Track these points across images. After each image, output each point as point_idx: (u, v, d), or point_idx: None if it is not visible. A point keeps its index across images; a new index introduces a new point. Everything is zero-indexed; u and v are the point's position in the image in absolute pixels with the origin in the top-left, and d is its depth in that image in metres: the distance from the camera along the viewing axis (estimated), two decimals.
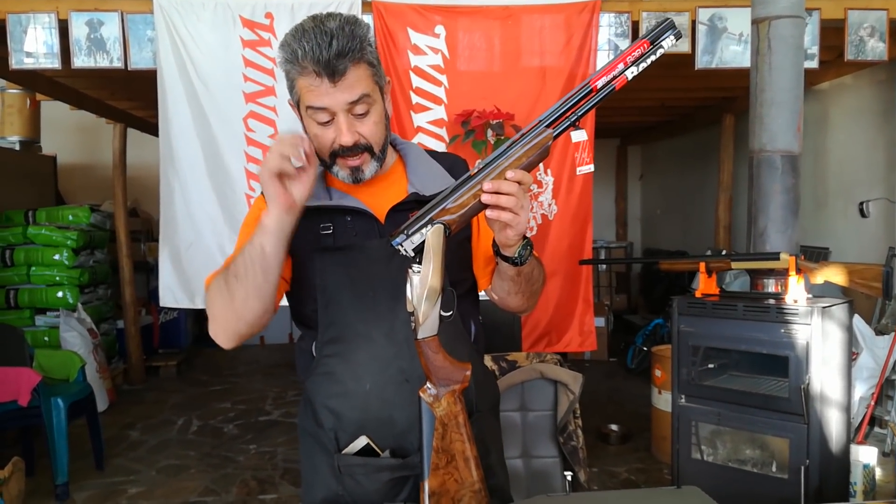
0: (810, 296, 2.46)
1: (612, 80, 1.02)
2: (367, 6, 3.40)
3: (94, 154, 7.12)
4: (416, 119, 3.51)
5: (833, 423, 2.34)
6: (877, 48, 3.56)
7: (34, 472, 3.59)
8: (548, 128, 1.04)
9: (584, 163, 3.33)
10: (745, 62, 3.42)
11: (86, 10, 3.36)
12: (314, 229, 1.21)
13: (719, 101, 5.95)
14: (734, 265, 2.64)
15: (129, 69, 3.41)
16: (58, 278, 4.97)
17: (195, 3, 3.37)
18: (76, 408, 3.50)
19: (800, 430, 2.31)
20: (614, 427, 4.10)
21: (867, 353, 3.23)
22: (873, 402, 3.09)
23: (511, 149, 1.04)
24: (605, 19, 3.48)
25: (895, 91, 4.23)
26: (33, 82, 4.79)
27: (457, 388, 1.05)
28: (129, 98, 5.42)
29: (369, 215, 1.22)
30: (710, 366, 2.60)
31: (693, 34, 3.50)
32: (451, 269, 1.08)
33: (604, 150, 8.34)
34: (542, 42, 3.49)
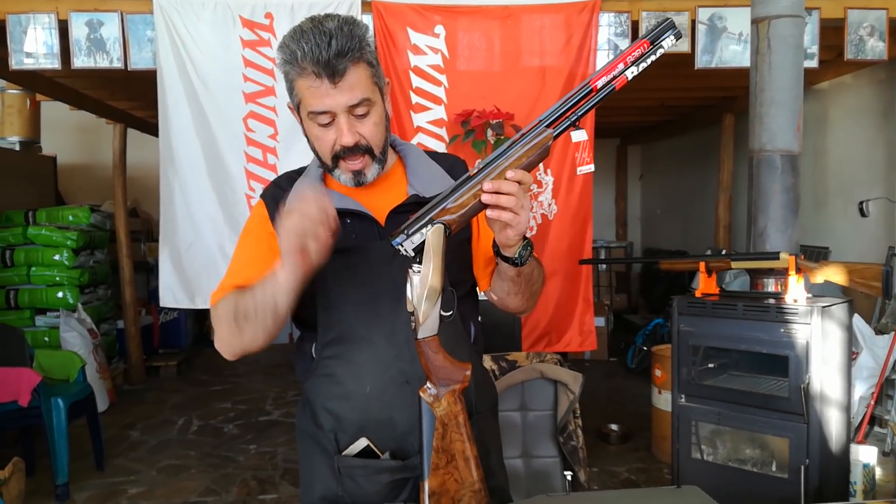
0: (810, 295, 2.46)
1: (613, 79, 1.02)
2: (366, 6, 3.40)
3: (94, 154, 7.12)
4: (416, 119, 3.51)
5: (833, 423, 2.34)
6: (876, 47, 3.56)
7: (34, 472, 3.59)
8: (548, 128, 1.04)
9: (585, 162, 3.33)
10: (744, 62, 3.42)
11: (85, 10, 3.36)
12: None
13: (719, 101, 5.95)
14: (734, 265, 2.64)
15: (128, 69, 3.41)
16: (58, 278, 4.97)
17: (195, 3, 3.37)
18: (76, 408, 3.50)
19: (800, 430, 2.31)
20: (614, 427, 4.10)
21: (867, 352, 3.24)
22: (873, 402, 3.09)
23: (511, 149, 1.04)
24: (605, 19, 3.49)
25: (895, 90, 4.23)
26: (33, 83, 4.79)
27: (457, 388, 1.05)
28: (129, 98, 5.42)
29: (369, 217, 1.22)
30: (710, 365, 2.60)
31: (693, 34, 3.51)
32: (451, 271, 1.07)
33: (604, 150, 8.34)
34: (541, 42, 3.49)
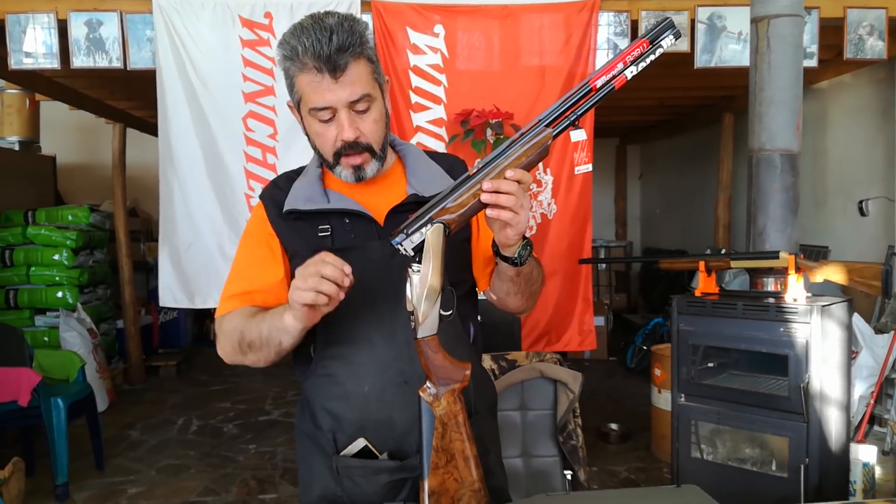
0: (810, 294, 2.46)
1: (612, 79, 1.02)
2: (366, 6, 3.40)
3: (93, 154, 7.12)
4: (416, 118, 3.51)
5: (833, 422, 2.34)
6: (876, 47, 3.56)
7: (34, 472, 3.58)
8: (547, 127, 1.04)
9: (583, 162, 3.34)
10: (744, 61, 3.42)
11: (85, 10, 3.36)
12: (312, 232, 1.21)
13: (718, 100, 5.95)
14: (733, 264, 2.64)
15: (128, 69, 3.41)
16: (57, 278, 4.96)
17: (194, 2, 3.37)
18: (76, 408, 3.50)
19: (799, 429, 2.31)
20: (614, 426, 4.10)
21: (867, 351, 3.24)
22: (873, 401, 3.10)
23: (510, 148, 1.04)
24: (605, 18, 3.48)
25: (894, 90, 4.23)
26: (32, 82, 4.79)
27: (456, 388, 1.05)
28: (129, 98, 5.42)
29: (368, 217, 1.22)
30: (710, 365, 2.60)
31: (692, 33, 3.50)
32: (450, 270, 1.07)
33: (603, 150, 8.34)
34: (541, 41, 3.49)
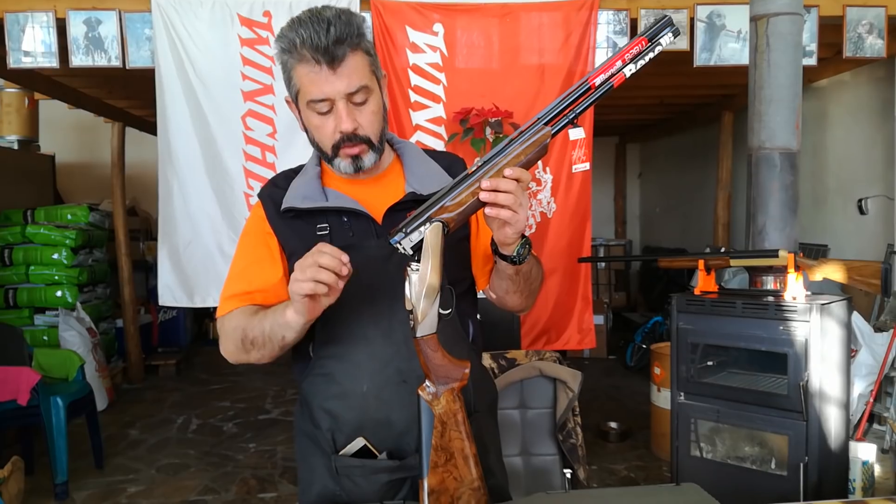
0: (809, 293, 2.46)
1: (611, 77, 1.02)
2: (365, 4, 3.39)
3: (92, 153, 7.11)
4: (415, 117, 3.50)
5: (832, 420, 2.34)
6: (875, 45, 3.56)
7: (34, 471, 3.59)
8: (546, 125, 1.04)
9: (581, 161, 3.34)
10: (743, 59, 3.42)
11: (83, 8, 3.35)
12: (311, 230, 1.20)
13: (718, 99, 5.95)
14: (733, 262, 2.64)
15: (127, 68, 3.40)
16: (56, 277, 4.96)
17: (193, 1, 3.36)
18: (75, 407, 3.50)
19: (799, 427, 2.31)
20: (613, 424, 4.10)
21: (866, 349, 3.24)
22: (872, 399, 3.10)
23: (509, 146, 1.04)
24: (604, 17, 3.48)
25: (894, 88, 4.23)
26: (31, 81, 4.79)
27: (456, 386, 1.05)
28: (128, 97, 5.41)
29: (366, 215, 1.22)
30: (709, 363, 2.59)
31: (691, 31, 3.50)
32: (449, 269, 1.07)
33: (602, 148, 8.34)
34: (540, 40, 3.48)
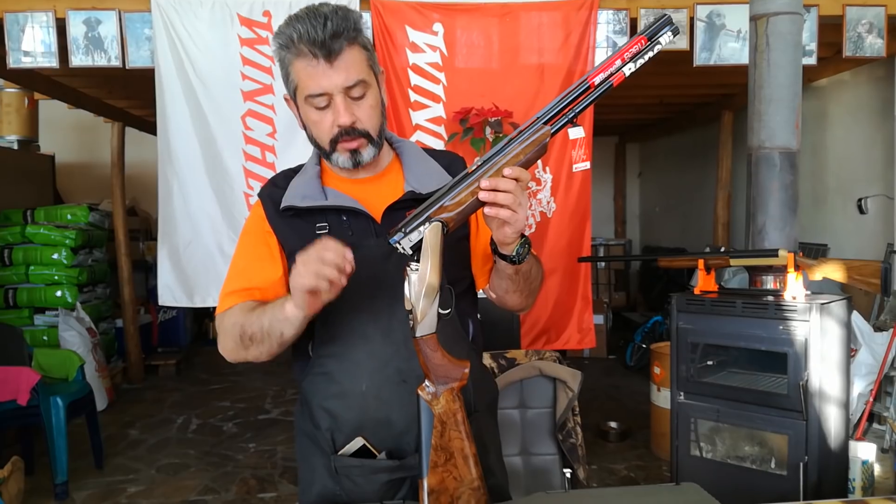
0: (809, 292, 2.46)
1: (610, 76, 1.02)
2: (364, 4, 3.39)
3: (92, 153, 7.11)
4: (415, 117, 3.50)
5: (832, 420, 2.34)
6: (875, 44, 3.55)
7: (34, 471, 3.59)
8: (545, 125, 1.04)
9: (581, 160, 3.34)
10: (743, 59, 3.42)
11: (83, 8, 3.35)
12: (310, 229, 1.20)
13: (718, 98, 5.95)
14: (733, 262, 2.64)
15: (126, 68, 3.40)
16: (56, 277, 4.96)
17: (193, 1, 3.36)
18: (75, 407, 3.50)
19: (798, 427, 2.31)
20: (613, 424, 4.10)
21: (866, 349, 3.24)
22: (872, 399, 3.10)
23: (508, 146, 1.04)
24: (604, 16, 3.48)
25: (893, 87, 4.23)
26: (31, 81, 4.79)
27: (455, 386, 1.05)
28: (127, 97, 5.41)
29: (365, 214, 1.22)
30: (709, 363, 2.59)
31: (691, 31, 3.50)
32: (449, 268, 1.07)
33: (602, 148, 8.34)
34: (540, 39, 3.48)
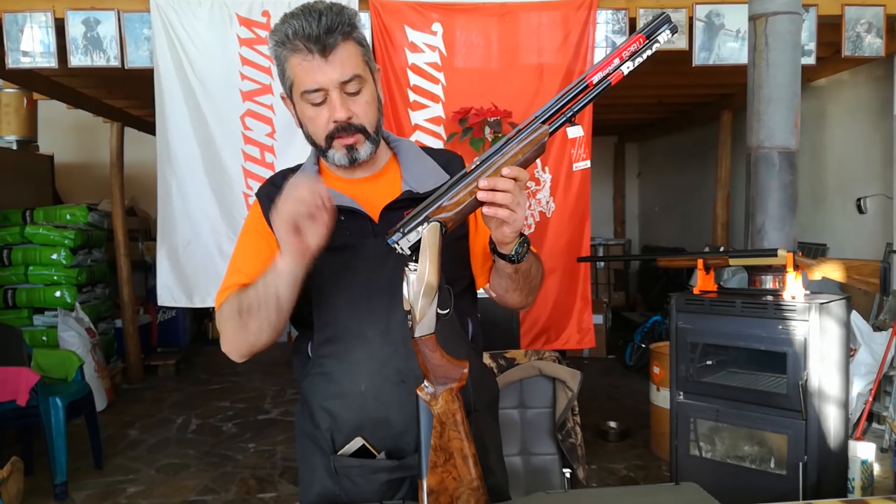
0: (808, 292, 2.46)
1: (608, 75, 1.02)
2: (363, 4, 3.39)
3: (91, 153, 7.11)
4: (414, 117, 3.50)
5: (831, 419, 2.34)
6: (874, 44, 3.56)
7: (33, 471, 3.59)
8: (543, 124, 1.04)
9: (581, 158, 3.34)
10: (742, 59, 3.42)
11: (82, 8, 3.35)
12: None
13: (717, 98, 5.95)
14: (732, 262, 2.64)
15: (125, 68, 3.40)
16: (55, 278, 4.96)
17: (192, 1, 3.36)
18: (75, 407, 3.49)
19: (798, 427, 2.31)
20: (613, 424, 4.10)
21: (865, 349, 3.24)
22: (871, 398, 3.10)
23: (507, 145, 1.04)
24: (603, 16, 3.48)
25: (892, 87, 4.23)
26: (30, 81, 4.79)
27: (454, 386, 1.05)
28: (126, 97, 5.41)
29: (363, 214, 1.21)
30: (709, 362, 2.60)
31: (690, 31, 3.50)
32: (447, 267, 1.07)
33: (601, 148, 8.34)
34: (539, 39, 3.48)
